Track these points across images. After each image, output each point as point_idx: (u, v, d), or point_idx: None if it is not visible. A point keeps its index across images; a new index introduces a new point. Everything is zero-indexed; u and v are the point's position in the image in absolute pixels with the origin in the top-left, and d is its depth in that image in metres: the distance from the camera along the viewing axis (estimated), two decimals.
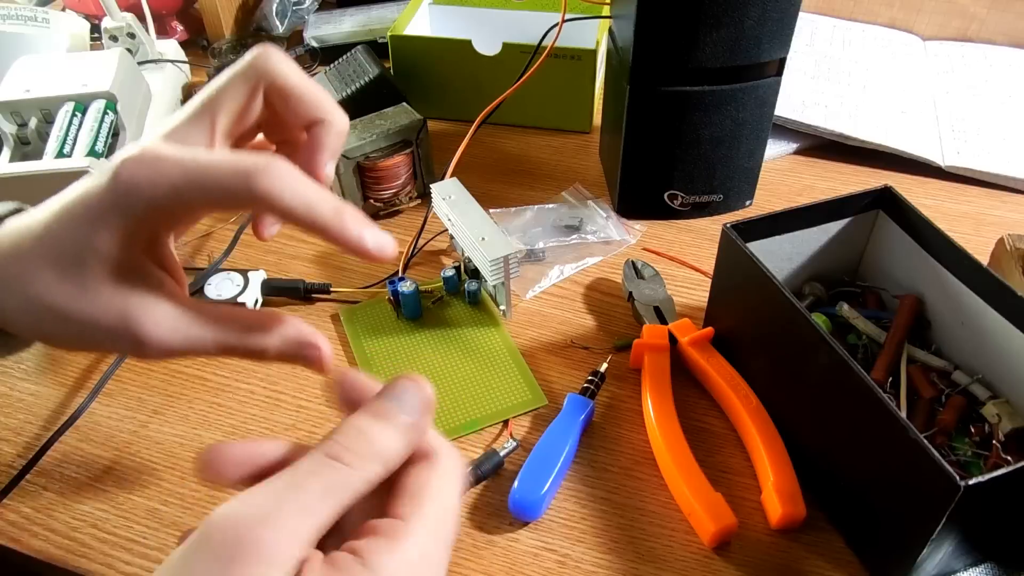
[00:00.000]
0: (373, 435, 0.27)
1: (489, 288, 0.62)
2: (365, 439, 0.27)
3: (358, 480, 0.26)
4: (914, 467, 0.39)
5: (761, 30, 0.60)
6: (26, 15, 0.82)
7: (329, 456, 0.26)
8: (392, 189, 0.70)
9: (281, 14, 0.97)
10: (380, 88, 0.74)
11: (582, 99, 0.81)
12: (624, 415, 0.55)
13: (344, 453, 0.26)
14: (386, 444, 0.27)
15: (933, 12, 0.93)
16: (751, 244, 0.52)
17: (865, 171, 0.77)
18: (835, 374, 0.44)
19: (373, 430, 0.27)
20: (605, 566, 0.47)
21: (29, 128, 0.64)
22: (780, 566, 0.47)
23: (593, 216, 0.71)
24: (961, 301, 0.51)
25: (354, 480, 0.26)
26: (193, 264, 0.68)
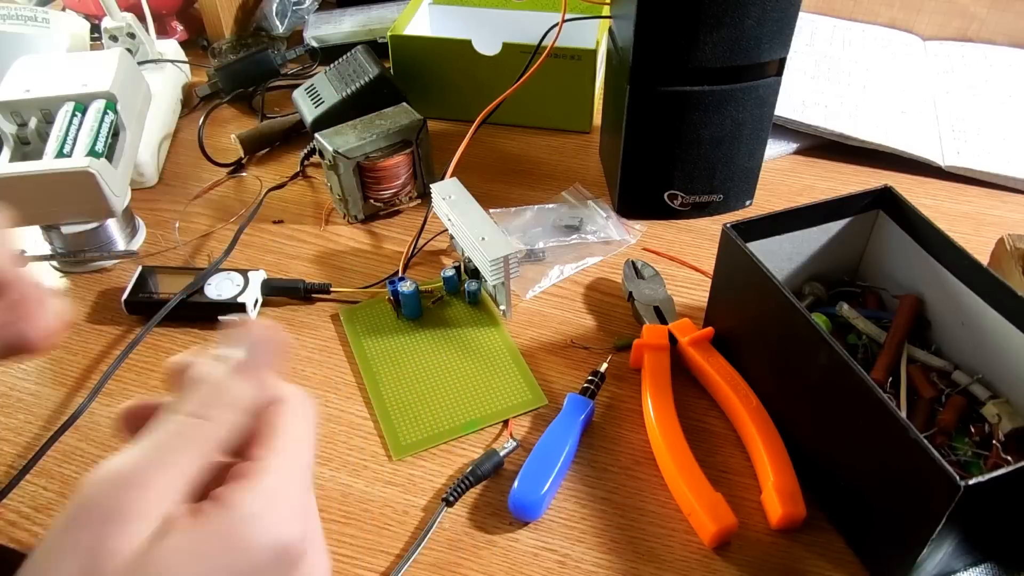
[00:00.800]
0: (227, 387, 0.28)
1: (489, 288, 0.62)
2: (220, 392, 0.28)
3: (221, 430, 0.27)
4: (914, 467, 0.39)
5: (761, 30, 0.60)
6: (26, 15, 0.82)
7: (190, 414, 0.27)
8: (392, 189, 0.70)
9: (281, 14, 0.97)
10: (380, 88, 0.74)
11: (582, 99, 0.81)
12: (624, 415, 0.55)
13: (202, 409, 0.27)
14: (239, 393, 0.28)
15: (933, 12, 0.93)
16: (751, 244, 0.52)
17: (865, 171, 0.77)
18: (835, 374, 0.44)
19: (227, 382, 0.28)
20: (605, 566, 0.47)
21: (29, 128, 0.64)
22: (780, 566, 0.47)
23: (593, 216, 0.71)
24: (961, 301, 0.51)
25: (216, 432, 0.27)
26: (193, 264, 0.68)
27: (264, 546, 0.26)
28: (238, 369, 0.29)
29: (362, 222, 0.72)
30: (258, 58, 0.88)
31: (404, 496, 0.51)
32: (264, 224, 0.72)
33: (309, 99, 0.77)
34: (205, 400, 0.28)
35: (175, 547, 0.25)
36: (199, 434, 0.27)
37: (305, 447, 0.30)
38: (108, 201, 0.61)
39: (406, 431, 0.54)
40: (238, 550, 0.26)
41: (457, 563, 0.47)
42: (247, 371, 0.29)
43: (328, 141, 0.67)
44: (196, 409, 0.27)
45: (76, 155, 0.60)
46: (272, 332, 0.30)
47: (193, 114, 0.87)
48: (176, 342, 0.61)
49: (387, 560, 0.47)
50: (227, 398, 0.28)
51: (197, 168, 0.79)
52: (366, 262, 0.68)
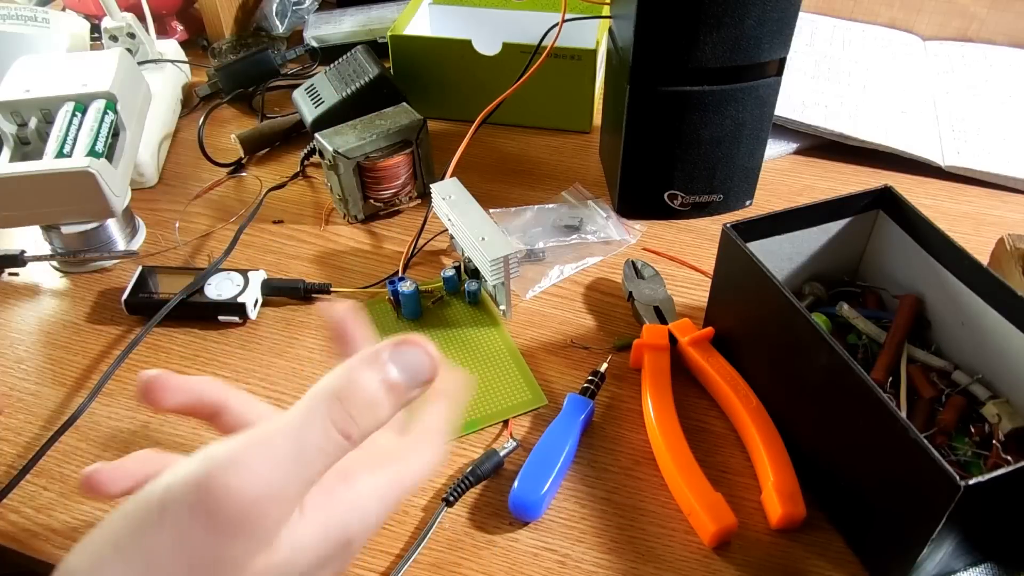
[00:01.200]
0: (384, 414, 0.27)
1: (489, 288, 0.62)
2: (373, 413, 0.27)
3: (353, 449, 0.27)
4: (914, 467, 0.39)
5: (761, 30, 0.60)
6: (26, 15, 0.82)
7: (340, 431, 0.26)
8: (392, 189, 0.70)
9: (281, 14, 0.97)
10: (380, 88, 0.74)
11: (582, 99, 0.81)
12: (624, 415, 0.55)
13: (353, 429, 0.26)
14: (384, 417, 0.28)
15: (933, 12, 0.93)
16: (751, 244, 0.52)
17: (865, 171, 0.77)
18: (835, 374, 0.44)
19: (385, 409, 0.28)
20: (605, 566, 0.47)
21: (29, 128, 0.64)
22: (780, 566, 0.47)
23: (593, 216, 0.71)
24: (961, 301, 0.51)
25: (349, 450, 0.27)
26: (193, 264, 0.68)
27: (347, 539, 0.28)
28: (395, 394, 0.28)
29: (362, 222, 0.72)
30: (258, 58, 0.88)
31: None
32: (264, 224, 0.72)
33: (309, 99, 0.77)
34: (361, 421, 0.27)
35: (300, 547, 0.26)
36: (339, 453, 0.26)
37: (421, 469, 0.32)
38: (108, 201, 0.61)
39: None
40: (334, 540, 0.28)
41: (457, 563, 0.47)
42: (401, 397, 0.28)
43: (328, 141, 0.67)
44: (347, 427, 0.26)
45: (76, 155, 0.59)
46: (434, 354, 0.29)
47: (193, 114, 0.87)
48: (176, 342, 0.61)
49: (387, 560, 0.47)
50: (380, 418, 0.27)
51: (197, 168, 0.79)
52: (366, 262, 0.68)
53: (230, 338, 0.62)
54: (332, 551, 0.28)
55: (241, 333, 0.62)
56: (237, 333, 0.62)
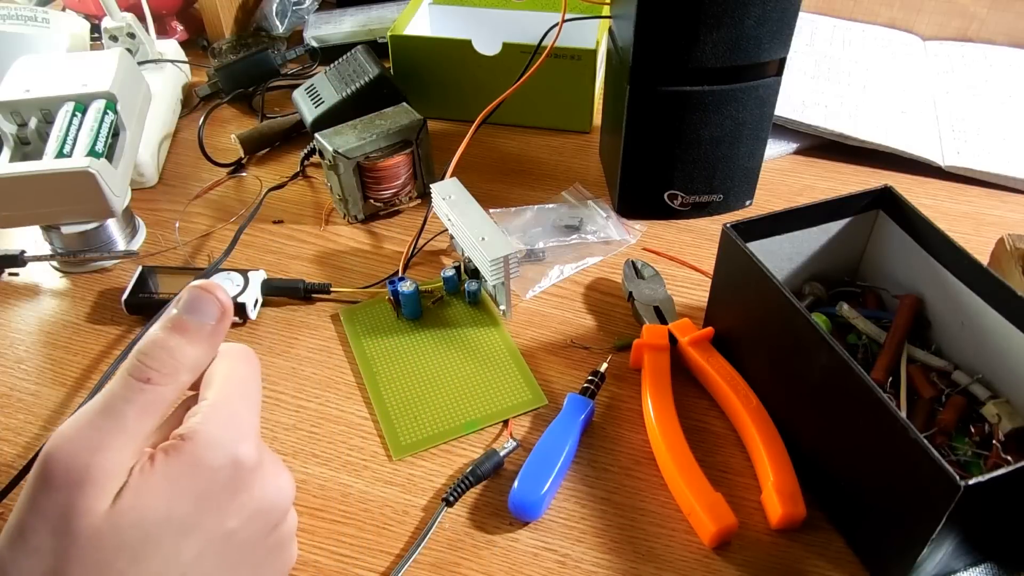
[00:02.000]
0: (178, 351, 0.31)
1: (489, 288, 0.62)
2: (171, 356, 0.30)
3: (170, 393, 0.30)
4: (914, 467, 0.39)
5: (761, 30, 0.60)
6: (26, 15, 0.82)
7: (138, 379, 0.29)
8: (392, 189, 0.70)
9: (281, 14, 0.97)
10: (380, 88, 0.74)
11: (582, 99, 0.81)
12: (624, 415, 0.55)
13: (154, 375, 0.30)
14: (191, 356, 0.31)
15: (933, 12, 0.93)
16: (751, 244, 0.52)
17: (865, 171, 0.77)
18: (835, 374, 0.44)
19: (178, 346, 0.31)
20: (605, 566, 0.47)
21: (29, 128, 0.64)
22: (780, 566, 0.47)
23: (593, 216, 0.71)
24: (961, 301, 0.51)
25: (166, 394, 0.30)
26: (193, 264, 0.68)
27: (223, 463, 0.30)
28: (182, 330, 0.31)
29: (362, 222, 0.72)
30: (258, 58, 0.88)
31: (404, 496, 0.51)
32: (264, 224, 0.72)
33: (309, 99, 0.77)
34: (159, 366, 0.30)
35: (147, 488, 0.28)
36: (146, 399, 0.29)
37: (248, 383, 0.33)
38: (108, 201, 0.61)
39: (406, 431, 0.54)
40: (202, 473, 0.30)
41: (457, 563, 0.47)
42: (190, 332, 0.31)
43: (328, 141, 0.67)
44: (142, 373, 0.30)
45: (76, 155, 0.59)
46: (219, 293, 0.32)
47: (193, 114, 0.87)
48: None
49: (387, 560, 0.47)
50: (182, 362, 0.31)
51: (197, 168, 0.79)
52: (366, 262, 0.68)
53: (230, 338, 0.61)
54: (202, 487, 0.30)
55: (241, 333, 0.62)
56: (237, 333, 0.62)
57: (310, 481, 0.52)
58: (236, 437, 0.31)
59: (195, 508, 0.29)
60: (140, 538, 0.28)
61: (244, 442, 0.31)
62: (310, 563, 0.47)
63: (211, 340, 0.32)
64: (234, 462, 0.30)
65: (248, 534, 0.32)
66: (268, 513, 0.32)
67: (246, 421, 0.32)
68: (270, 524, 0.33)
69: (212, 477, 0.30)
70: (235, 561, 0.31)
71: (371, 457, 0.53)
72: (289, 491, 0.34)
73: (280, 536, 0.34)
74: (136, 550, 0.28)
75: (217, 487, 0.30)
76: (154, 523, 0.28)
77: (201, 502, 0.30)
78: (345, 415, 0.56)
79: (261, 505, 0.32)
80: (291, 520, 0.35)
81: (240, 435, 0.31)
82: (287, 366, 0.59)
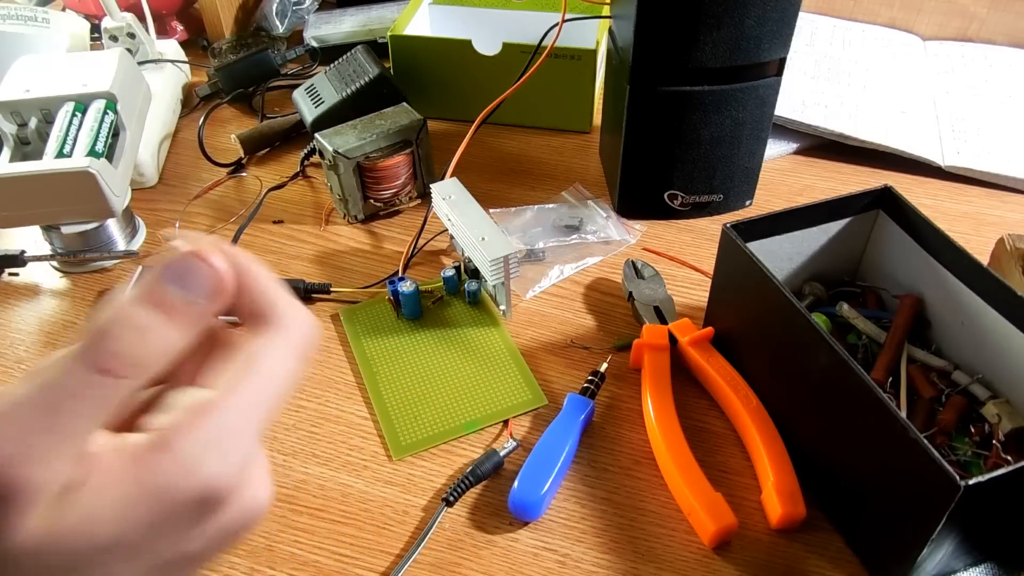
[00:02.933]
0: (153, 335, 0.23)
1: (489, 288, 0.62)
2: (142, 341, 0.22)
3: (137, 386, 0.23)
4: (914, 467, 0.39)
5: (761, 30, 0.60)
6: (26, 15, 0.82)
7: (99, 370, 0.22)
8: (392, 189, 0.70)
9: (281, 14, 0.97)
10: (380, 88, 0.74)
11: (582, 99, 0.81)
12: (624, 415, 0.55)
13: (116, 364, 0.22)
14: (169, 342, 0.23)
15: (933, 12, 0.93)
16: (751, 244, 0.52)
17: (865, 171, 0.77)
18: (835, 374, 0.44)
19: (153, 328, 0.23)
20: (605, 566, 0.47)
21: (29, 128, 0.64)
22: (780, 566, 0.47)
23: (593, 216, 0.71)
24: (961, 301, 0.51)
25: (130, 387, 0.23)
26: None
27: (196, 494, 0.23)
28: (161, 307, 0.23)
29: (362, 222, 0.72)
30: (258, 58, 0.88)
31: (404, 496, 0.51)
32: (264, 224, 0.72)
33: (309, 99, 0.77)
34: (127, 351, 0.22)
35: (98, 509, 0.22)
36: (102, 395, 0.22)
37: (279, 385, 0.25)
38: (108, 201, 0.61)
39: (406, 431, 0.54)
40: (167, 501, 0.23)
41: (457, 563, 0.47)
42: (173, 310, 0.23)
43: (328, 141, 0.67)
44: (104, 361, 0.22)
45: (76, 155, 0.59)
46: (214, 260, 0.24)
47: (193, 114, 0.87)
48: None
49: (387, 560, 0.47)
50: (156, 348, 0.23)
51: (197, 168, 0.79)
52: (366, 262, 0.68)
53: None
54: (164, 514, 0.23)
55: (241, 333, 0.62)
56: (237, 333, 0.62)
57: (310, 481, 0.52)
58: (221, 462, 0.23)
59: (149, 536, 0.23)
60: (74, 565, 0.22)
61: (229, 467, 0.23)
62: (310, 563, 0.47)
63: (198, 324, 0.24)
64: (208, 491, 0.23)
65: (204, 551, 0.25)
66: (235, 533, 0.25)
67: (244, 441, 0.24)
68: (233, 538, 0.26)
69: (179, 508, 0.23)
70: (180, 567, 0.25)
71: (371, 457, 0.53)
72: (266, 504, 0.26)
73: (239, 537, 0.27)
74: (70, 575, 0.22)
75: (183, 518, 0.23)
76: (94, 551, 0.23)
77: (157, 530, 0.23)
78: (345, 415, 0.56)
79: (229, 528, 0.25)
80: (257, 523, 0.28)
81: (228, 459, 0.23)
82: None
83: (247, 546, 0.48)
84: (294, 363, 0.25)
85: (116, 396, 0.22)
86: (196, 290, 0.23)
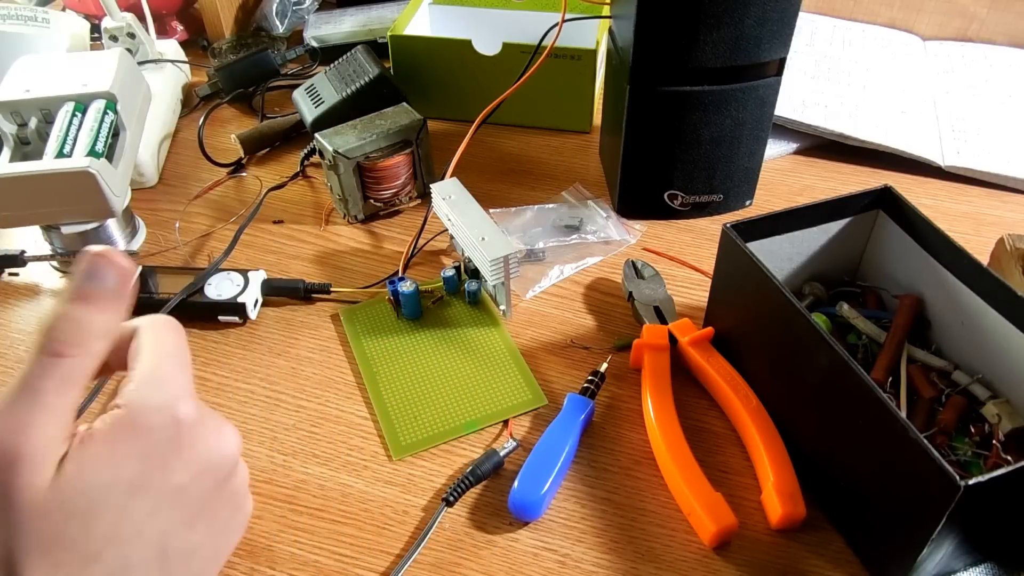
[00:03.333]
0: (84, 321, 0.30)
1: (489, 288, 0.62)
2: (78, 326, 0.30)
3: (87, 363, 0.30)
4: (914, 467, 0.39)
5: (761, 30, 0.60)
6: (26, 15, 0.82)
7: (51, 354, 0.30)
8: (392, 189, 0.70)
9: (281, 14, 0.97)
10: (380, 88, 0.74)
11: (582, 99, 0.81)
12: (624, 415, 0.55)
13: (64, 347, 0.30)
14: (98, 323, 0.31)
15: (933, 12, 0.93)
16: (751, 244, 0.52)
17: (865, 171, 0.77)
18: (835, 374, 0.44)
19: (83, 316, 0.30)
20: (605, 566, 0.47)
21: (29, 128, 0.64)
22: (780, 566, 0.47)
23: (593, 216, 0.71)
24: (961, 301, 0.51)
25: (82, 364, 0.30)
26: (193, 264, 0.68)
27: (163, 423, 0.30)
28: (84, 300, 0.31)
29: (362, 222, 0.72)
30: (258, 58, 0.88)
31: (404, 496, 0.51)
32: (264, 224, 0.72)
33: (309, 99, 0.77)
34: (67, 337, 0.30)
35: (88, 456, 0.29)
36: (61, 372, 0.30)
37: (175, 346, 0.33)
38: (108, 201, 0.61)
39: (406, 431, 0.54)
40: (142, 434, 0.30)
41: (457, 563, 0.47)
42: (94, 300, 0.31)
43: (328, 141, 0.67)
44: (51, 347, 0.30)
45: (76, 155, 0.59)
46: (116, 257, 0.32)
47: (193, 114, 0.87)
48: None
49: (387, 560, 0.47)
50: (91, 329, 0.30)
51: (197, 168, 0.79)
52: (366, 262, 0.68)
53: (230, 338, 0.62)
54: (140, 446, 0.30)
55: (241, 333, 0.62)
56: (237, 333, 0.62)
57: (310, 481, 0.52)
58: (172, 397, 0.31)
59: (140, 468, 0.30)
60: (87, 503, 0.29)
61: (181, 400, 0.31)
62: (310, 563, 0.47)
63: (116, 304, 0.32)
64: (173, 420, 0.31)
65: (200, 489, 0.32)
66: (216, 466, 0.33)
67: (179, 381, 0.32)
68: (220, 477, 0.33)
69: (153, 437, 0.30)
70: (191, 515, 0.32)
71: (371, 457, 0.53)
72: (234, 443, 0.34)
73: (233, 488, 0.34)
74: (86, 515, 0.28)
75: (160, 446, 0.30)
76: (99, 488, 0.29)
77: (146, 462, 0.30)
78: (345, 415, 0.56)
79: (208, 458, 0.32)
80: (242, 473, 0.35)
81: (175, 394, 0.31)
82: (287, 366, 0.59)
83: (247, 546, 0.48)
84: (171, 334, 0.34)
85: (73, 371, 0.30)
86: (105, 280, 0.31)
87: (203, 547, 0.33)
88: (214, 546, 0.34)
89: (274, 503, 0.50)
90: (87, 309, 0.31)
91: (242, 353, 0.60)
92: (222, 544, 0.35)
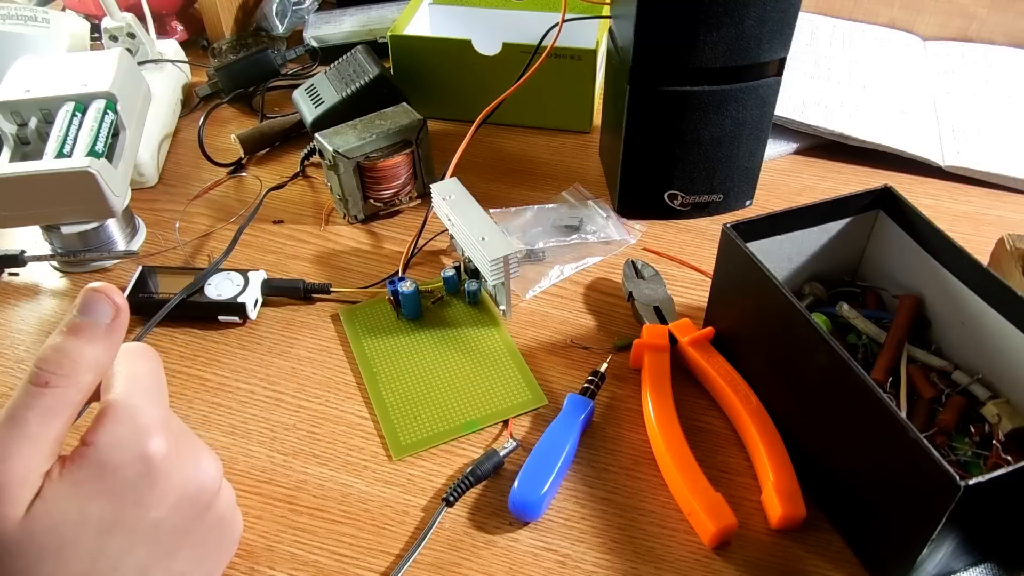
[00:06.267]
0: (75, 353, 0.31)
1: (489, 288, 0.62)
2: (68, 359, 0.31)
3: (73, 395, 0.31)
4: (914, 467, 0.39)
5: (761, 30, 0.60)
6: (26, 15, 0.82)
7: (37, 385, 0.30)
8: (392, 189, 0.70)
9: (281, 14, 0.97)
10: (380, 88, 0.74)
11: (582, 99, 0.81)
12: (624, 415, 0.55)
13: (52, 378, 0.30)
14: (89, 356, 0.31)
15: (933, 12, 0.93)
16: (751, 244, 0.52)
17: (865, 171, 0.77)
18: (835, 374, 0.44)
19: (74, 348, 0.31)
20: (605, 566, 0.47)
21: (29, 128, 0.64)
22: (780, 566, 0.47)
23: (593, 216, 0.71)
24: (961, 301, 0.51)
25: (68, 396, 0.30)
26: (193, 264, 0.68)
27: (130, 459, 0.31)
28: (76, 332, 0.31)
29: (362, 222, 0.72)
30: (258, 58, 0.88)
31: (404, 496, 0.51)
32: (264, 224, 0.72)
33: (309, 99, 0.77)
34: (55, 368, 0.30)
35: (55, 495, 0.29)
36: (46, 403, 0.30)
37: (147, 377, 0.33)
38: (108, 201, 0.61)
39: (406, 431, 0.54)
40: (108, 473, 0.30)
41: (457, 563, 0.47)
42: (85, 333, 0.31)
43: (328, 141, 0.67)
44: (38, 378, 0.30)
45: (76, 155, 0.59)
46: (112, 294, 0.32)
47: (193, 114, 0.87)
48: (176, 342, 0.61)
49: (387, 560, 0.47)
50: (81, 362, 0.31)
51: (197, 168, 0.79)
52: (366, 262, 0.68)
53: (230, 338, 0.62)
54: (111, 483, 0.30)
55: (241, 333, 0.62)
56: (237, 333, 0.62)
57: (310, 481, 0.52)
58: (139, 432, 0.31)
59: (111, 507, 0.30)
60: (58, 542, 0.29)
61: (150, 436, 0.31)
62: (310, 563, 0.47)
63: (108, 339, 0.32)
64: (142, 457, 0.31)
65: (179, 519, 0.32)
66: (194, 497, 0.33)
67: (148, 414, 0.32)
68: (201, 506, 0.33)
69: (120, 475, 0.30)
70: (172, 546, 0.32)
71: (371, 457, 0.53)
72: (212, 471, 0.34)
73: (217, 514, 0.34)
74: (58, 553, 0.29)
75: (130, 483, 0.30)
76: (68, 526, 0.29)
77: (116, 500, 0.30)
78: (345, 415, 0.56)
79: (185, 489, 0.32)
80: (225, 496, 0.35)
81: (145, 430, 0.31)
82: (287, 366, 0.59)
83: (247, 546, 0.48)
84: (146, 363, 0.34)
85: (62, 402, 0.30)
86: (98, 314, 0.32)
87: (190, 573, 0.33)
88: (203, 570, 0.34)
89: (274, 503, 0.50)
90: (78, 341, 0.31)
91: (242, 353, 0.60)
92: (211, 567, 0.35)
